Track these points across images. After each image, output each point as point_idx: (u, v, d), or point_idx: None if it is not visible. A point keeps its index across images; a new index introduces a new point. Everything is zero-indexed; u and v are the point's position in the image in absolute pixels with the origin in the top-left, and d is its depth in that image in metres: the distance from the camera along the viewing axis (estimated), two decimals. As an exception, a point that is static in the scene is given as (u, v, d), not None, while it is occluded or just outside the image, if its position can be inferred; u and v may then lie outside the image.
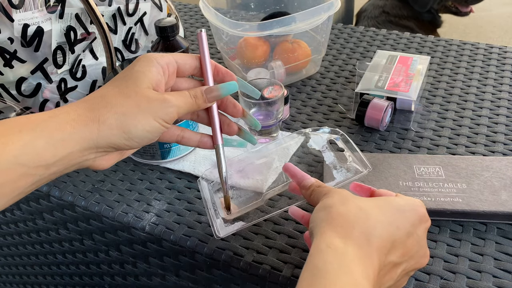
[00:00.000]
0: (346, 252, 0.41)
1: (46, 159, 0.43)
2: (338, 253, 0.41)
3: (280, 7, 1.02)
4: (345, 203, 0.46)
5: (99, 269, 0.78)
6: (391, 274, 0.45)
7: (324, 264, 0.40)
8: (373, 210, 0.46)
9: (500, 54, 0.97)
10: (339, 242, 0.42)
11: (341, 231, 0.43)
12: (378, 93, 0.78)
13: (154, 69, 0.48)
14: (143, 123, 0.46)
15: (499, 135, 0.75)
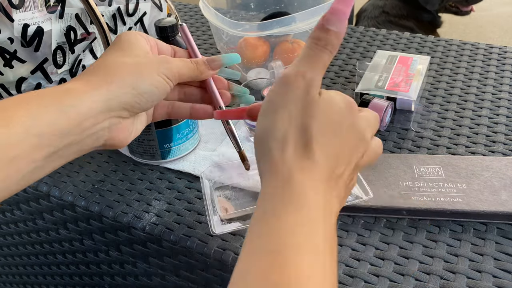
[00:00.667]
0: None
1: (59, 127, 0.42)
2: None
3: (280, 7, 1.02)
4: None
5: (99, 269, 0.78)
6: (343, 180, 0.41)
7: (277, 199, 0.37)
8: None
9: (500, 54, 0.97)
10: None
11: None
12: (378, 93, 0.78)
13: (142, 39, 0.52)
14: (149, 78, 0.48)
15: (499, 135, 0.75)
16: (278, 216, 0.36)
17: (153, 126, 0.68)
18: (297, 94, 0.39)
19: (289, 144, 0.38)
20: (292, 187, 0.37)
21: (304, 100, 0.39)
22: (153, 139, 0.70)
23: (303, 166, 0.38)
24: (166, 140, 0.70)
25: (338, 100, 0.41)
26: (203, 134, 0.78)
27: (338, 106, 0.40)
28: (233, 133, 0.57)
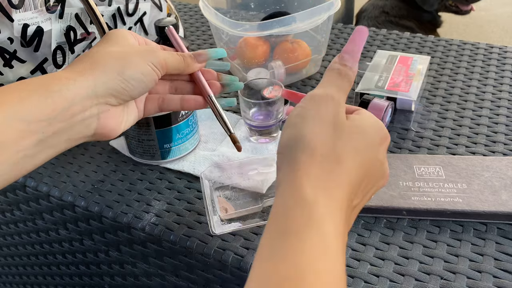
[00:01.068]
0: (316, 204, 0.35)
1: (46, 113, 0.42)
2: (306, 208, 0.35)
3: (280, 7, 1.02)
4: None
5: (99, 270, 0.78)
6: (354, 213, 0.41)
7: (291, 221, 0.35)
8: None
9: (500, 54, 0.97)
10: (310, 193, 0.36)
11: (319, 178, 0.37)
12: (378, 93, 0.78)
13: (130, 35, 0.53)
14: (136, 65, 0.48)
15: (499, 135, 0.75)
16: (300, 238, 0.33)
17: (153, 126, 0.68)
18: (328, 112, 0.39)
19: (317, 157, 0.37)
20: (314, 210, 0.35)
21: (335, 119, 0.39)
22: (153, 139, 0.70)
23: (327, 186, 0.36)
24: (166, 140, 0.70)
25: (371, 131, 0.41)
26: (203, 134, 0.78)
27: (370, 136, 0.41)
28: (222, 116, 0.57)
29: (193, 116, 0.72)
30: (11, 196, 0.77)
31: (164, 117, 0.68)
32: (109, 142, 0.78)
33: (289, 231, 0.34)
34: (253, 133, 0.75)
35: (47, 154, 0.44)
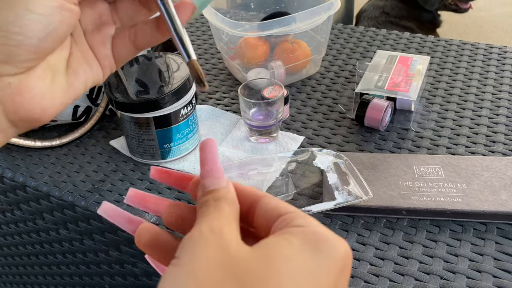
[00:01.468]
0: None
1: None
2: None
3: (280, 7, 1.02)
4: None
5: (99, 269, 0.78)
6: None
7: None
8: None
9: (500, 54, 0.97)
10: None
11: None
12: (378, 93, 0.78)
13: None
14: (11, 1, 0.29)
15: (499, 135, 0.75)
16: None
17: (153, 126, 0.68)
18: (210, 256, 0.24)
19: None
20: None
21: (225, 263, 0.24)
22: (153, 139, 0.70)
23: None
24: (166, 140, 0.70)
25: (309, 263, 0.25)
26: (203, 134, 0.78)
27: (304, 272, 0.24)
28: (175, 27, 0.35)
29: (193, 116, 0.72)
30: (12, 196, 0.77)
31: (164, 117, 0.68)
32: (109, 142, 0.78)
33: None
34: (253, 133, 0.75)
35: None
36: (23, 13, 0.29)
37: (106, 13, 0.36)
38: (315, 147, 0.74)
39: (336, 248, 0.25)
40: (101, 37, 0.36)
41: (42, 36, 0.30)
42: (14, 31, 0.29)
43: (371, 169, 0.66)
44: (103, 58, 0.36)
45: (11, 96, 0.31)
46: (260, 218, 0.29)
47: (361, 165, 0.67)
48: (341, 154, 0.68)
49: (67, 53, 0.34)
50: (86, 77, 0.35)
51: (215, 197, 0.29)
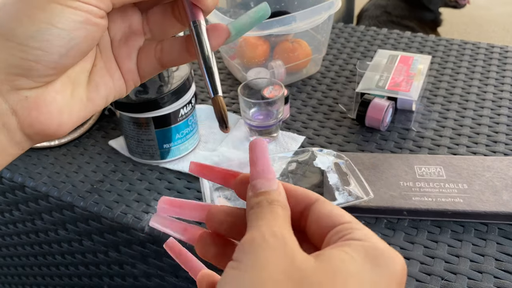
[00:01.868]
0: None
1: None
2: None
3: (280, 6, 1.02)
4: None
5: (98, 270, 0.77)
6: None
7: None
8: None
9: (501, 54, 0.96)
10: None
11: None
12: (379, 93, 0.78)
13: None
14: (29, 11, 0.27)
15: (501, 135, 0.74)
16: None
17: (153, 126, 0.68)
18: (276, 262, 0.24)
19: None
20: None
21: (290, 269, 0.24)
22: (152, 139, 0.69)
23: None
24: (166, 140, 0.70)
25: (366, 276, 0.24)
26: (202, 134, 0.78)
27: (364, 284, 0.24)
28: (207, 66, 0.32)
29: (192, 116, 0.72)
30: (10, 196, 0.76)
31: (163, 117, 0.68)
32: (108, 142, 0.78)
33: None
34: (253, 133, 0.75)
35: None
36: (45, 27, 0.27)
37: (137, 22, 0.34)
38: (315, 147, 0.73)
39: (395, 264, 0.25)
40: (128, 49, 0.34)
41: (63, 52, 0.28)
42: (34, 46, 0.27)
43: (371, 169, 0.66)
44: (127, 71, 0.34)
45: (28, 110, 0.29)
46: (313, 224, 0.29)
47: (361, 165, 0.67)
48: (342, 154, 0.67)
49: (90, 65, 0.33)
50: (107, 92, 0.34)
51: (269, 200, 0.28)
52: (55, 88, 0.30)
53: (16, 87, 0.28)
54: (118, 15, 0.32)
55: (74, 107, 0.31)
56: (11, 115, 0.29)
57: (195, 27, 0.32)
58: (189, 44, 0.34)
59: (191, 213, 0.32)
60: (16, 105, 0.29)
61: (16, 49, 0.27)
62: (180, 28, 0.35)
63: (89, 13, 0.28)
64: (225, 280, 0.24)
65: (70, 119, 0.31)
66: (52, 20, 0.27)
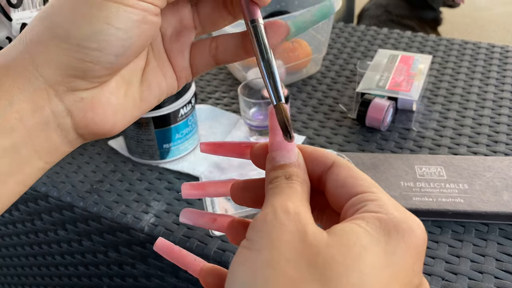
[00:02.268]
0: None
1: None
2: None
3: (280, 5, 1.01)
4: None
5: (97, 270, 0.77)
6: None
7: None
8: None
9: (502, 54, 0.96)
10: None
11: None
12: (379, 93, 0.77)
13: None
14: (86, 10, 0.27)
15: (501, 135, 0.74)
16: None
17: (152, 126, 0.68)
18: (289, 238, 0.23)
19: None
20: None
21: (304, 246, 0.23)
22: (152, 139, 0.69)
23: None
24: (165, 140, 0.70)
25: (388, 247, 0.24)
26: (202, 134, 0.78)
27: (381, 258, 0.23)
28: (268, 71, 0.30)
29: (192, 116, 0.72)
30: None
31: (163, 117, 0.67)
32: (108, 142, 0.78)
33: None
34: (253, 133, 0.75)
35: (17, 182, 0.29)
36: (102, 27, 0.27)
37: (188, 16, 0.33)
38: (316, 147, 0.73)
39: (412, 234, 0.25)
40: (180, 45, 0.33)
41: (120, 52, 0.28)
42: (92, 47, 0.27)
43: (372, 169, 0.66)
44: (180, 69, 0.34)
45: (83, 111, 0.29)
46: (330, 192, 0.28)
47: (362, 165, 0.67)
48: (342, 154, 0.67)
49: (143, 64, 0.32)
50: (160, 91, 0.33)
51: (287, 174, 0.27)
52: (109, 89, 0.30)
53: (72, 88, 0.28)
54: (169, 10, 0.32)
55: (127, 107, 0.31)
56: (66, 115, 0.29)
57: (254, 27, 0.30)
58: (246, 42, 0.33)
59: (216, 190, 0.32)
60: (71, 106, 0.29)
61: (72, 51, 0.27)
62: (231, 21, 0.34)
63: (145, 11, 0.28)
64: (238, 260, 0.24)
65: (124, 118, 0.31)
66: (109, 19, 0.27)
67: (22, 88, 0.27)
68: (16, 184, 0.29)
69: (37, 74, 0.28)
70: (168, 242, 0.33)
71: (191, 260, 0.33)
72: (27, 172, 0.29)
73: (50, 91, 0.28)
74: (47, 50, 0.27)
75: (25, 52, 0.28)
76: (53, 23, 0.27)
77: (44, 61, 0.27)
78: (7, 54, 0.29)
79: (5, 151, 0.27)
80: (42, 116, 0.28)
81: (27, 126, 0.28)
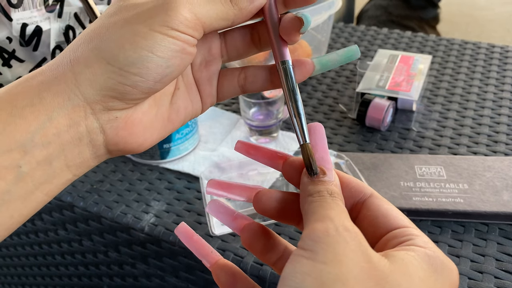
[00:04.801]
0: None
1: (15, 138, 0.28)
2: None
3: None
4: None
5: (98, 270, 0.77)
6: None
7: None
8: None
9: (502, 54, 0.96)
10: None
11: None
12: (379, 93, 0.77)
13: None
14: (136, 39, 0.28)
15: (501, 135, 0.74)
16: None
17: (152, 126, 0.68)
18: (355, 257, 0.24)
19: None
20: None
21: (371, 265, 0.24)
22: (152, 139, 0.69)
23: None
24: (166, 140, 0.70)
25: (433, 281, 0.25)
26: (202, 134, 0.78)
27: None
28: (298, 109, 0.31)
29: (192, 116, 0.72)
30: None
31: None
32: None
33: None
34: (253, 133, 0.75)
35: (45, 192, 0.30)
36: (146, 55, 0.28)
37: (217, 46, 0.34)
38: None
39: (453, 274, 0.26)
40: (208, 74, 0.35)
41: (158, 79, 0.30)
42: (133, 72, 0.29)
43: (372, 169, 0.66)
44: (206, 95, 0.35)
45: (117, 130, 0.31)
46: (365, 220, 0.29)
47: (362, 165, 0.67)
48: (342, 154, 0.67)
49: (172, 88, 0.34)
50: (186, 114, 0.35)
51: (329, 191, 0.28)
52: (142, 110, 0.32)
53: (108, 108, 0.30)
54: (200, 40, 0.33)
55: (155, 127, 0.33)
56: (99, 133, 0.31)
57: (284, 69, 0.32)
58: (273, 77, 0.35)
59: (240, 193, 0.33)
60: (106, 124, 0.30)
61: (116, 74, 0.29)
62: (256, 52, 0.36)
63: (186, 42, 0.29)
64: (300, 269, 0.24)
65: (151, 138, 0.33)
66: (153, 48, 0.28)
67: (61, 104, 0.29)
68: (43, 194, 0.30)
69: (78, 92, 0.29)
70: (190, 229, 0.34)
71: (208, 252, 0.33)
72: (55, 183, 0.30)
73: (87, 109, 0.30)
74: (91, 70, 0.29)
75: (68, 71, 0.29)
76: (98, 46, 0.29)
77: (86, 80, 0.29)
78: (48, 72, 0.30)
79: (38, 164, 0.29)
80: (77, 132, 0.30)
81: (62, 140, 0.29)
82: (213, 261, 0.33)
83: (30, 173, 0.29)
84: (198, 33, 0.30)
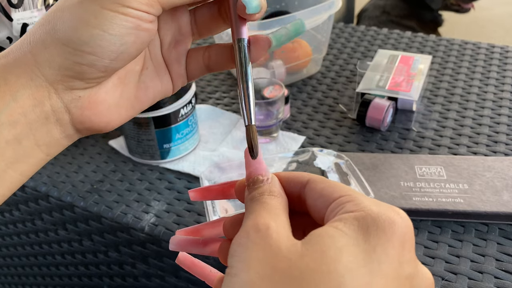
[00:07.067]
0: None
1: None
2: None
3: (280, 6, 1.02)
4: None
5: (98, 270, 0.77)
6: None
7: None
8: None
9: (502, 54, 0.96)
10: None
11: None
12: (379, 93, 0.78)
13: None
14: (84, 17, 0.28)
15: (501, 135, 0.74)
16: None
17: (153, 126, 0.68)
18: (260, 255, 0.24)
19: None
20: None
21: (274, 263, 0.23)
22: (152, 139, 0.69)
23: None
24: (166, 140, 0.70)
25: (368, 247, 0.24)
26: (203, 134, 0.78)
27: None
28: (246, 87, 0.32)
29: (193, 116, 0.72)
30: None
31: (164, 117, 0.67)
32: (108, 142, 0.78)
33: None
34: (253, 133, 0.75)
35: (19, 172, 0.31)
36: (97, 33, 0.29)
37: (186, 24, 0.35)
38: (315, 147, 0.73)
39: (393, 225, 0.24)
40: (177, 53, 0.35)
41: (113, 57, 0.30)
42: (87, 51, 0.29)
43: (372, 170, 0.66)
44: (176, 75, 0.36)
45: (81, 110, 0.32)
46: (311, 207, 0.28)
47: (362, 166, 0.67)
48: (342, 154, 0.67)
49: (139, 67, 0.34)
50: (155, 92, 0.35)
51: (259, 192, 0.28)
52: (106, 89, 0.32)
53: (70, 87, 0.31)
54: (168, 17, 0.33)
55: (122, 106, 0.33)
56: (65, 112, 0.31)
57: (239, 47, 0.32)
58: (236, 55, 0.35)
59: (211, 232, 0.34)
60: (70, 104, 0.31)
61: (71, 54, 0.29)
62: (225, 28, 0.36)
63: (139, 19, 0.29)
64: (222, 286, 0.24)
65: (118, 117, 0.34)
66: (104, 26, 0.28)
67: (25, 84, 0.30)
68: (18, 174, 0.31)
69: (39, 73, 0.30)
70: (189, 256, 0.34)
71: (208, 272, 0.34)
72: (28, 162, 0.31)
73: (50, 89, 0.30)
74: (48, 52, 0.29)
75: (28, 53, 0.30)
76: (54, 28, 0.29)
77: (45, 61, 0.30)
78: (10, 54, 0.31)
79: (7, 143, 0.30)
80: (42, 111, 0.30)
81: (29, 120, 0.30)
82: (213, 279, 0.33)
83: (0, 152, 0.30)
84: (155, 9, 0.30)
